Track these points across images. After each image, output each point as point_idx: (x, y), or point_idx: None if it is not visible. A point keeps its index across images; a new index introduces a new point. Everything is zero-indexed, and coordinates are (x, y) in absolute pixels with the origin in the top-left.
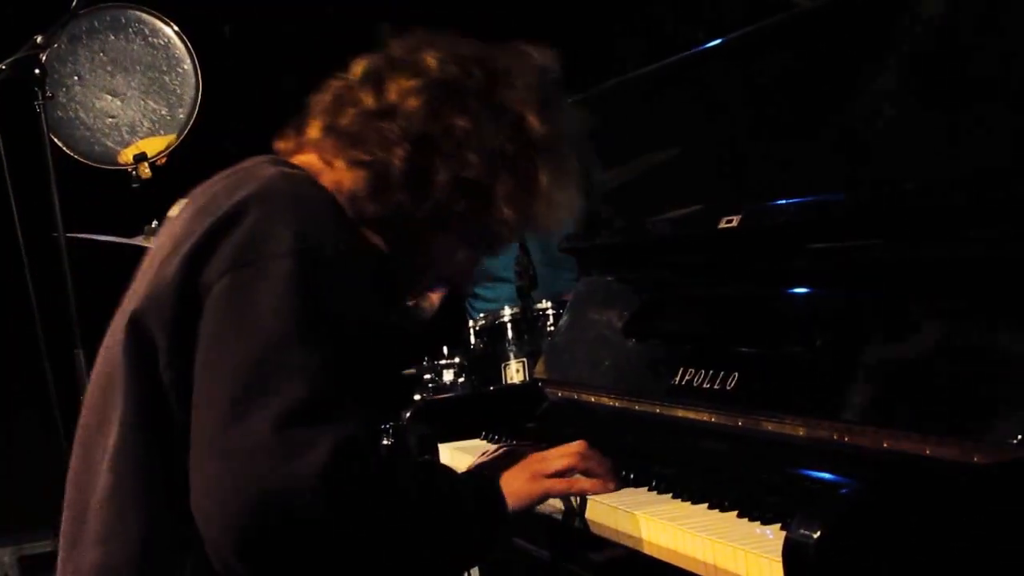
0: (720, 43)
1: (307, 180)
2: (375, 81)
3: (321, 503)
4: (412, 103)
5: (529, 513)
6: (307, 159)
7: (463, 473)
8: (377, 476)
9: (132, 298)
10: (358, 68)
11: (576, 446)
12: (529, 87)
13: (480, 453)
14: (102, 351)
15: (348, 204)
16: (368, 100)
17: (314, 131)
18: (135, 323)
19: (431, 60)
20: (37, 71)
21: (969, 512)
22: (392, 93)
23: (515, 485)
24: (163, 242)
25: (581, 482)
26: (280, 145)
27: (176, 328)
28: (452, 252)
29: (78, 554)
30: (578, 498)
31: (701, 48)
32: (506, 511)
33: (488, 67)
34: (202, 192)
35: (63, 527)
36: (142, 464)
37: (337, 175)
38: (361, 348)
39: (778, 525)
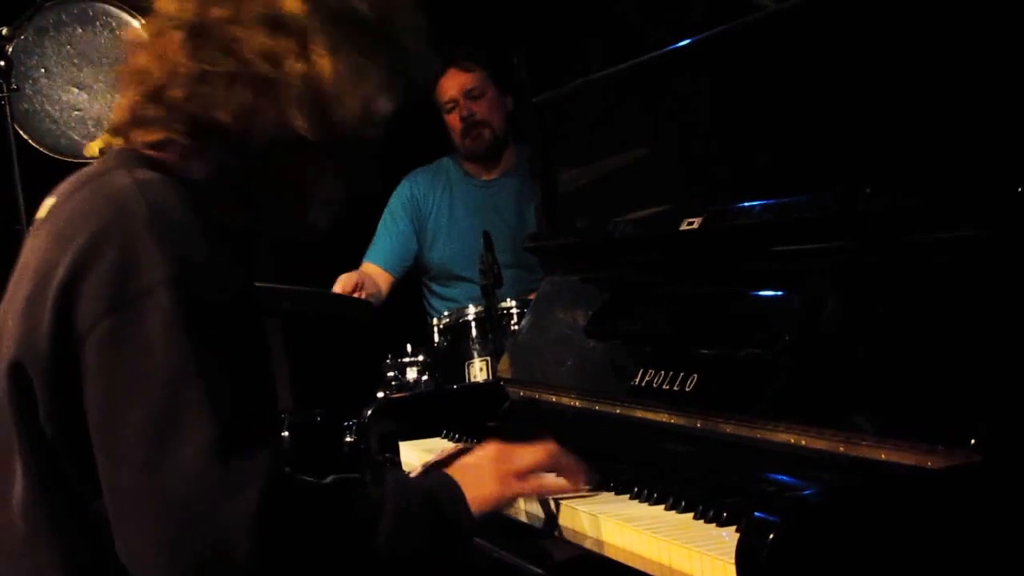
0: (685, 44)
1: (159, 184)
2: (142, 55)
3: (256, 549)
4: (172, 65)
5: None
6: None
7: (427, 479)
8: (313, 506)
9: (6, 337)
10: (127, 46)
11: (548, 445)
12: None
13: (438, 452)
14: None
15: (187, 181)
16: (143, 80)
17: (125, 123)
18: (15, 370)
19: (174, 8)
20: (3, 63)
21: (924, 516)
22: (155, 64)
23: (483, 488)
24: (29, 259)
25: (551, 483)
26: (114, 141)
27: (53, 380)
28: (305, 174)
29: None
30: (553, 501)
31: (666, 49)
32: (471, 522)
33: None
34: (61, 202)
35: None
36: (56, 516)
37: (164, 156)
38: (256, 358)
39: (734, 527)
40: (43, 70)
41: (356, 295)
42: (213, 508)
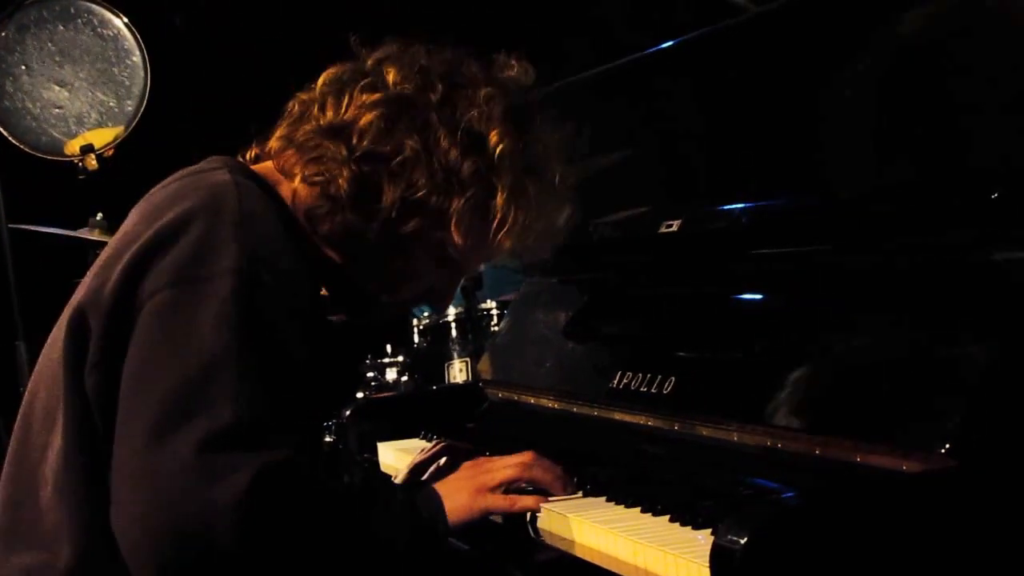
0: (666, 47)
1: (257, 193)
2: (336, 94)
3: (236, 532)
4: (367, 119)
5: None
6: (266, 168)
7: (404, 487)
8: (301, 504)
9: (79, 293)
10: (323, 78)
11: (523, 456)
12: (493, 103)
13: (419, 451)
14: (47, 346)
15: (305, 219)
16: (325, 114)
17: (275, 142)
18: (77, 318)
19: (392, 74)
20: None
21: (898, 520)
22: (349, 108)
23: (458, 499)
24: (115, 237)
25: (524, 500)
26: (246, 154)
27: (108, 333)
28: (414, 273)
29: (16, 554)
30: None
31: (648, 52)
32: (445, 529)
33: (452, 82)
34: (157, 190)
35: None
36: (82, 473)
37: (296, 187)
38: (300, 369)
39: (709, 530)
40: (24, 67)
41: None
42: (200, 488)
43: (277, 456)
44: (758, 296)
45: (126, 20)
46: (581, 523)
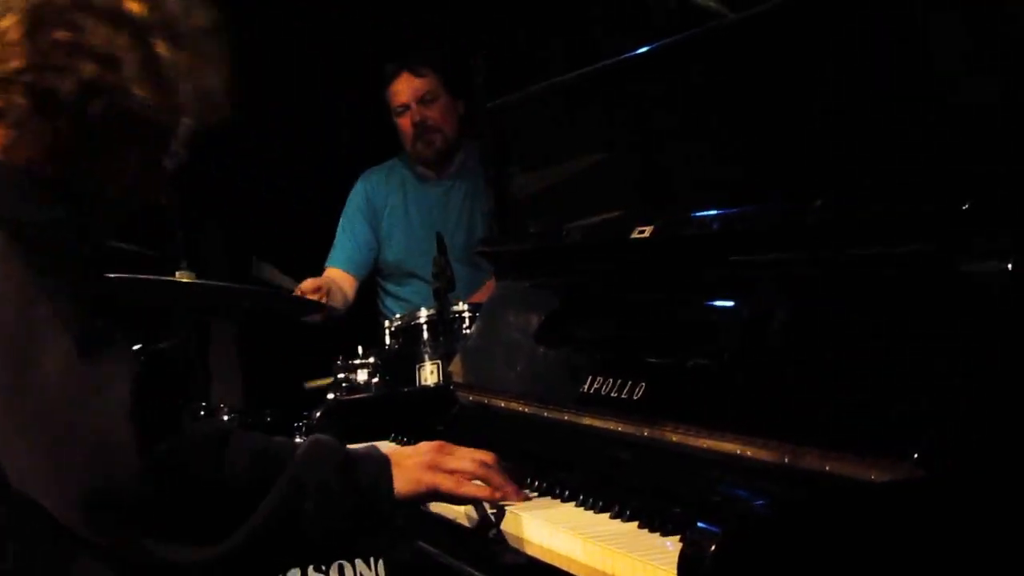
0: (641, 53)
1: None
2: None
3: (132, 438)
4: (11, 37)
5: (434, 517)
6: None
7: (356, 448)
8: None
9: None
10: None
11: (485, 454)
12: None
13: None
14: None
15: (7, 159)
16: None
17: None
18: None
19: None
20: None
21: (866, 530)
22: None
23: (408, 471)
24: None
25: (469, 487)
26: None
27: None
28: (124, 162)
29: None
30: (495, 508)
31: (624, 57)
32: (390, 493)
33: None
34: None
35: None
36: None
37: None
38: (90, 290)
39: (678, 537)
40: None
41: (321, 300)
42: (86, 403)
43: (130, 365)
44: (729, 303)
45: None
46: (550, 527)
